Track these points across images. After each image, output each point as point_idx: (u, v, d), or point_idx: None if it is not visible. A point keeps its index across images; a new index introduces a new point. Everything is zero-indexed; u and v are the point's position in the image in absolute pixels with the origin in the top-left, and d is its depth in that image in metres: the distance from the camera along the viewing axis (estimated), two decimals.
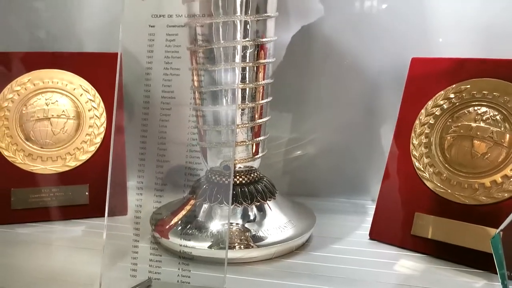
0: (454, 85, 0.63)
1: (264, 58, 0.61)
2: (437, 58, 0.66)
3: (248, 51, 0.59)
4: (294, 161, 0.83)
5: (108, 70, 0.75)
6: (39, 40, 0.83)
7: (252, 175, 0.65)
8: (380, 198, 0.66)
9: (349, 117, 0.79)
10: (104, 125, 0.75)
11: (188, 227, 0.59)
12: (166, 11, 0.46)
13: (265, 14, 0.59)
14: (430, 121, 0.64)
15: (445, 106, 0.63)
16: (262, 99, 0.62)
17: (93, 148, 0.74)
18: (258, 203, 0.63)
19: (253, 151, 0.64)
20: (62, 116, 0.73)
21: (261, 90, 0.62)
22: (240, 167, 0.64)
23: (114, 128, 0.54)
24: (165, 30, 0.46)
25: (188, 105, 0.51)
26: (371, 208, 0.71)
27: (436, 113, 0.63)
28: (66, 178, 0.72)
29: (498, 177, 0.57)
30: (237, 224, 0.59)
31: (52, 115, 0.73)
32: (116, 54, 0.74)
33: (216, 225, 0.59)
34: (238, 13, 0.55)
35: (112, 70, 0.74)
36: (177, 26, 0.46)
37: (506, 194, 0.57)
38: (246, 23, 0.57)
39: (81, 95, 0.75)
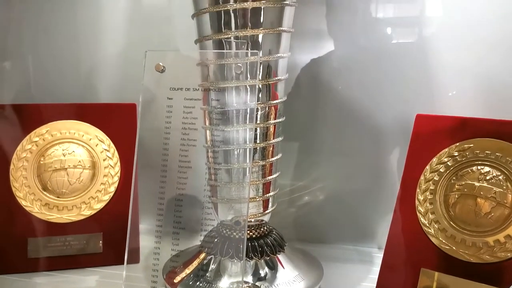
0: (457, 143, 0.65)
1: (275, 118, 0.63)
2: (441, 116, 0.68)
3: (260, 112, 0.62)
4: (302, 208, 0.85)
5: (123, 121, 0.78)
6: (55, 91, 0.86)
7: (262, 229, 0.67)
8: (386, 251, 0.68)
9: (356, 166, 0.81)
10: (118, 174, 0.77)
11: (199, 281, 0.61)
12: (183, 85, 0.49)
13: (276, 78, 0.62)
14: (435, 178, 0.66)
15: (449, 164, 0.65)
16: (272, 157, 0.65)
17: (107, 197, 0.76)
18: (268, 257, 0.65)
19: (263, 206, 0.66)
20: (78, 166, 0.75)
21: (271, 148, 0.64)
22: (250, 221, 0.66)
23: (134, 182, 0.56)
24: (182, 102, 0.49)
25: (204, 175, 0.53)
26: (377, 256, 0.72)
27: (441, 170, 0.66)
28: (80, 227, 0.74)
29: (501, 237, 0.59)
30: (247, 283, 0.61)
31: (69, 166, 0.75)
32: (131, 104, 0.78)
33: (226, 282, 0.61)
34: (250, 78, 0.58)
35: (127, 120, 0.78)
36: (194, 99, 0.49)
37: (509, 254, 0.58)
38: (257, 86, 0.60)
39: (96, 145, 0.77)
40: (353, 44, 0.78)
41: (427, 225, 0.65)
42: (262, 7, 0.58)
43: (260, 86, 0.60)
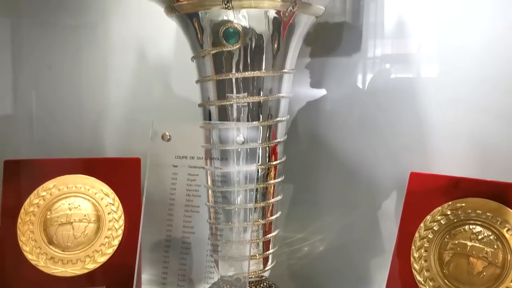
0: (450, 202, 0.68)
1: (274, 178, 0.66)
2: (435, 175, 0.71)
3: (260, 173, 0.64)
4: (301, 259, 0.86)
5: (128, 175, 0.81)
6: (63, 146, 0.89)
7: (261, 284, 0.69)
8: None
9: (355, 217, 0.83)
10: (122, 227, 0.79)
11: None
12: (188, 153, 0.52)
13: (276, 140, 0.65)
14: (429, 236, 0.68)
15: (442, 222, 0.67)
16: (272, 215, 0.67)
17: (110, 251, 0.78)
18: None
19: (263, 262, 0.68)
20: (84, 220, 0.78)
21: (271, 207, 0.67)
22: (250, 277, 0.68)
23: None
24: (187, 170, 0.51)
25: (207, 237, 0.56)
26: None
27: (435, 228, 0.68)
28: (85, 280, 0.76)
29: None
30: None
31: (75, 220, 0.77)
32: (135, 159, 0.81)
33: None
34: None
35: (131, 174, 0.81)
36: (198, 167, 0.52)
37: None
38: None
39: (101, 199, 0.80)
40: (351, 100, 0.82)
41: (423, 282, 0.67)
42: (263, 76, 0.62)
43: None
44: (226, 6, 0.56)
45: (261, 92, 0.62)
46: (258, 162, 0.63)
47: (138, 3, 0.87)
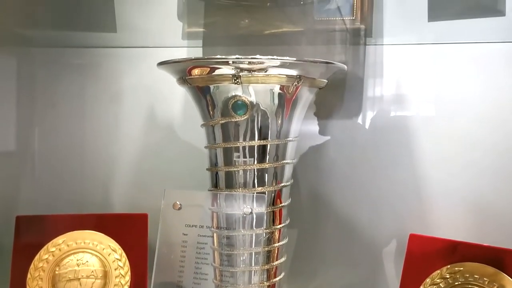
0: (449, 266, 0.70)
1: (279, 241, 0.69)
2: (434, 238, 0.73)
3: (264, 237, 0.67)
4: None
5: (135, 231, 0.83)
6: (73, 202, 0.92)
7: None
8: None
9: (355, 277, 0.85)
10: (128, 283, 0.81)
11: None
12: (198, 222, 0.54)
13: (280, 205, 0.68)
14: None
15: (441, 285, 0.69)
16: (275, 277, 0.69)
17: None
18: None
19: None
20: (91, 276, 0.79)
21: (274, 269, 0.69)
22: None
23: None
24: (196, 239, 0.54)
25: None
26: None
27: None
28: None
29: None
30: None
31: (82, 276, 0.79)
32: (143, 215, 0.84)
33: None
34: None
35: (138, 230, 0.83)
36: (207, 236, 0.54)
37: None
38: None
39: (109, 254, 0.81)
40: (352, 160, 0.85)
41: None
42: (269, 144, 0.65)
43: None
44: (235, 81, 0.60)
45: (267, 159, 0.65)
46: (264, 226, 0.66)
47: (150, 61, 0.91)
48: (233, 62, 0.57)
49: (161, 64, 0.64)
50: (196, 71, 0.61)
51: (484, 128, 0.79)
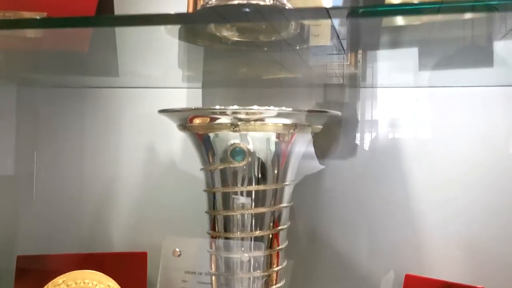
0: None
1: (276, 283, 0.70)
2: (428, 278, 0.75)
3: (262, 279, 0.68)
4: None
5: (134, 269, 0.84)
6: (74, 240, 0.93)
7: None
8: None
9: None
10: None
11: None
12: (197, 269, 0.56)
13: (278, 247, 0.69)
14: None
15: None
16: None
17: None
18: None
19: None
20: None
21: None
22: None
23: None
24: (196, 285, 0.55)
25: None
26: None
27: None
28: None
29: None
30: None
31: None
32: (142, 253, 0.85)
33: None
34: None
35: (138, 268, 0.84)
36: (206, 283, 0.56)
37: None
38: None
39: None
40: (348, 200, 0.86)
41: None
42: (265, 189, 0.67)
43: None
44: (234, 130, 0.62)
45: (265, 203, 0.67)
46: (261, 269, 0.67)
47: (151, 101, 0.94)
48: (231, 113, 0.60)
49: (162, 111, 0.67)
50: (196, 120, 0.63)
51: (478, 169, 0.81)
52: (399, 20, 0.58)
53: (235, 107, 0.60)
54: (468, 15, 0.52)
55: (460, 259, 0.79)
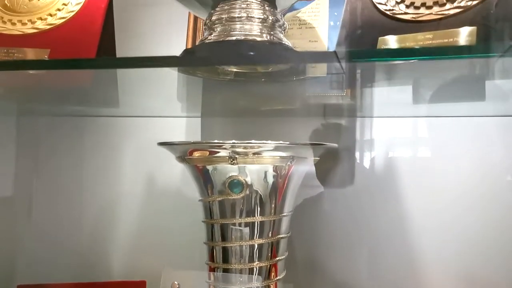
0: None
1: None
2: None
3: None
4: None
5: None
6: (73, 267, 0.93)
7: None
8: None
9: None
10: None
11: None
12: None
13: (276, 278, 0.70)
14: None
15: None
16: None
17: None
18: None
19: None
20: None
21: None
22: None
23: None
24: None
25: None
26: None
27: None
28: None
29: None
30: None
31: None
32: (140, 282, 0.85)
33: None
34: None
35: None
36: None
37: None
38: None
39: None
40: (345, 226, 0.87)
41: None
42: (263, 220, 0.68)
43: None
44: (232, 163, 0.63)
45: (263, 235, 0.68)
46: None
47: (151, 130, 0.95)
48: (230, 146, 0.61)
49: (161, 144, 0.68)
50: (195, 153, 0.64)
51: (475, 199, 0.81)
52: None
53: (233, 141, 0.61)
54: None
55: (457, 284, 0.79)
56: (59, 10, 0.66)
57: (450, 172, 0.83)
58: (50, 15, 0.66)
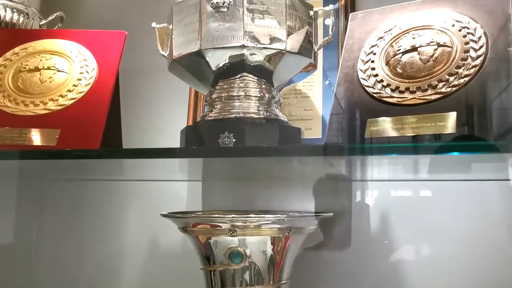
0: None
1: None
2: None
3: None
4: None
5: None
6: None
7: None
8: None
9: None
10: None
11: None
12: None
13: None
14: None
15: None
16: None
17: None
18: None
19: None
20: None
21: None
22: None
23: None
24: None
25: None
26: None
27: None
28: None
29: None
30: None
31: None
32: None
33: None
34: None
35: None
36: None
37: None
38: None
39: None
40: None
41: None
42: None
43: None
44: (232, 235, 0.66)
45: None
46: None
47: (154, 194, 0.98)
48: (229, 220, 0.64)
49: (164, 216, 0.71)
50: (196, 225, 0.68)
51: (473, 264, 0.83)
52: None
53: (233, 215, 0.64)
54: None
55: None
56: (69, 91, 0.71)
57: (448, 235, 0.85)
58: (61, 96, 0.71)
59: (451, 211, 0.85)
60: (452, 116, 0.55)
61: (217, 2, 0.67)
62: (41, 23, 0.93)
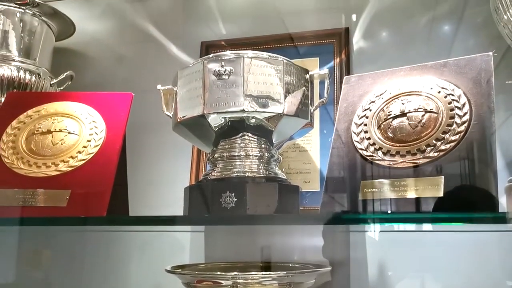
0: None
1: None
2: None
3: None
4: None
5: None
6: None
7: None
8: None
9: None
10: None
11: None
12: None
13: None
14: None
15: None
16: None
17: None
18: None
19: None
20: None
21: None
22: None
23: None
24: None
25: None
26: None
27: None
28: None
29: None
30: None
31: None
32: None
33: None
34: None
35: None
36: None
37: None
38: None
39: None
40: None
41: None
42: None
43: None
44: None
45: None
46: None
47: (158, 244, 1.00)
48: (232, 277, 0.67)
49: (169, 271, 0.74)
50: (201, 282, 0.70)
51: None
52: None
53: (235, 273, 0.67)
54: None
55: None
56: (79, 152, 0.75)
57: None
58: (72, 157, 0.75)
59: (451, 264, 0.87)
60: (441, 180, 0.59)
61: (219, 70, 0.72)
62: (52, 82, 0.98)
